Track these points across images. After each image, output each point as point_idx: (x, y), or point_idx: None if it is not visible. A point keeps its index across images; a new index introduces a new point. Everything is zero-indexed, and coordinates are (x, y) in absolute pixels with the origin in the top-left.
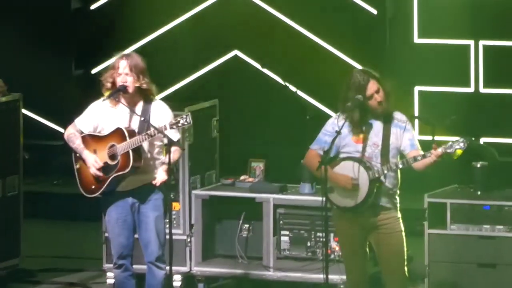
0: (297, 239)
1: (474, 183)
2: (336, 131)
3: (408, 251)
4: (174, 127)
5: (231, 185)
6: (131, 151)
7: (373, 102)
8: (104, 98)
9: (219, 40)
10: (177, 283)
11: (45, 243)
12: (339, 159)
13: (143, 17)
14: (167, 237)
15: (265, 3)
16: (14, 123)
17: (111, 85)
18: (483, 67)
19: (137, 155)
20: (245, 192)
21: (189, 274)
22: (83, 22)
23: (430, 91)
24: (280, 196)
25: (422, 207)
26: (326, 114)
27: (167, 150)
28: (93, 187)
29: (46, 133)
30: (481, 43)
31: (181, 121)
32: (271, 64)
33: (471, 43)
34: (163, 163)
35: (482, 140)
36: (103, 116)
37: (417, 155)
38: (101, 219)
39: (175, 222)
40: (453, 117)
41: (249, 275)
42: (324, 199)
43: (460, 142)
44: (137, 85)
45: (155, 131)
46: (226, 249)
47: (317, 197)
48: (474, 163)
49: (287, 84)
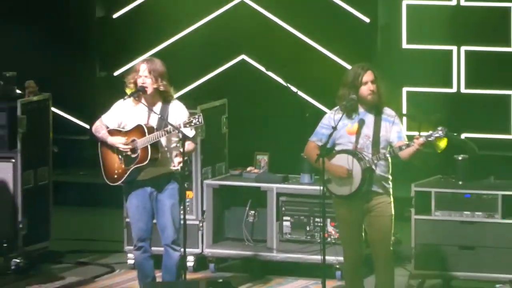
0: (298, 224)
1: (456, 174)
2: (332, 127)
3: (397, 235)
4: (187, 126)
5: (239, 176)
6: (149, 146)
7: (366, 90)
8: (125, 97)
9: (228, 45)
10: (190, 263)
11: (72, 227)
12: (335, 151)
13: (159, 25)
14: (182, 222)
15: (270, 13)
16: (44, 120)
17: (133, 85)
18: (464, 70)
19: (155, 149)
20: (251, 182)
21: (201, 255)
22: (106, 29)
23: (417, 92)
24: (282, 185)
25: (409, 195)
26: (323, 112)
27: (182, 144)
28: (116, 176)
29: (73, 129)
30: (462, 48)
31: (194, 121)
32: (275, 67)
33: (454, 48)
34: (178, 155)
35: (463, 135)
36: (126, 113)
37: (402, 145)
38: (122, 206)
39: (188, 208)
40: (437, 115)
41: (255, 256)
42: (322, 188)
43: (439, 131)
44: (155, 86)
45: (172, 128)
46: (234, 233)
47: (316, 186)
48: (456, 156)
49: (289, 85)
